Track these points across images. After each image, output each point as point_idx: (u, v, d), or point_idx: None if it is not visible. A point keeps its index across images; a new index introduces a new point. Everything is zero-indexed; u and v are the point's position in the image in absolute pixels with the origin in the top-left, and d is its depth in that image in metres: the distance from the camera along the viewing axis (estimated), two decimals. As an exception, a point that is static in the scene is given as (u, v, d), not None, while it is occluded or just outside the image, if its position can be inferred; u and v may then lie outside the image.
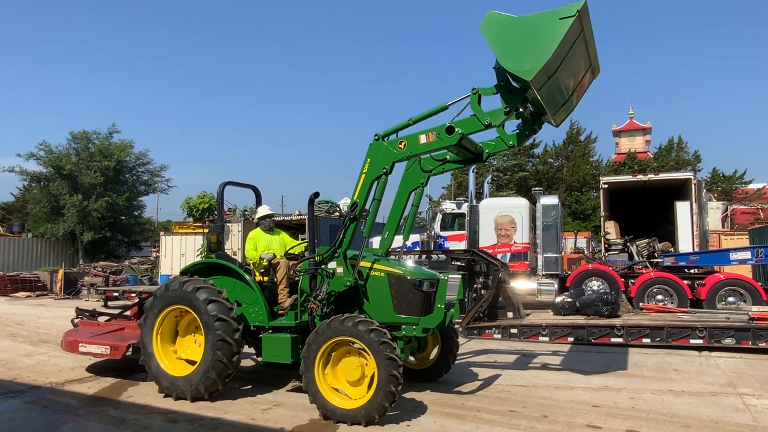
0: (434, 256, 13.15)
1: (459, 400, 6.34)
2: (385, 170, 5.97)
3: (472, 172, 16.56)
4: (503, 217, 15.36)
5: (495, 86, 5.62)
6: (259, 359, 7.43)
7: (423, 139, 5.81)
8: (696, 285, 12.81)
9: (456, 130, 5.62)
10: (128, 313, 8.55)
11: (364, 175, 6.07)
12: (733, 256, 12.72)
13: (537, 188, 18.09)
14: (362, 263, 6.12)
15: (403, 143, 5.90)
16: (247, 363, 8.22)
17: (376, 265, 6.14)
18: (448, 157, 6.42)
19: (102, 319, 8.55)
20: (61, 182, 29.31)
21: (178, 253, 20.89)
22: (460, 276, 6.96)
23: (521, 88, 5.41)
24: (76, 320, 8.46)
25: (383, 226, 6.52)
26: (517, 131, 6.06)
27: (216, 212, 8.07)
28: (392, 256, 6.74)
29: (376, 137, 6.04)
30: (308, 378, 5.63)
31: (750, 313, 9.64)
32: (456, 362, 7.36)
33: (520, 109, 5.77)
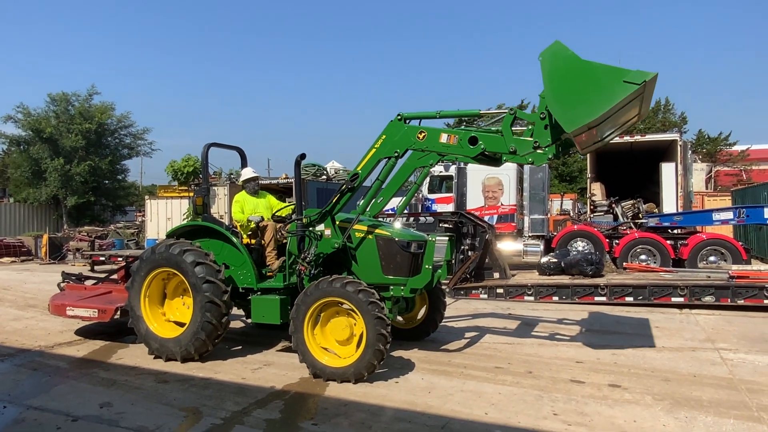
0: (422, 218, 13.19)
1: (446, 358, 6.47)
2: (396, 154, 5.84)
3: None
4: (490, 179, 15.38)
5: (534, 113, 5.31)
6: (249, 321, 7.48)
7: (444, 138, 5.64)
8: (679, 245, 13.04)
9: (479, 143, 5.45)
10: (115, 276, 8.51)
11: (374, 150, 5.93)
12: (716, 216, 12.92)
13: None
14: (348, 224, 6.11)
15: (423, 134, 5.72)
16: (236, 324, 8.29)
17: (364, 227, 6.14)
18: None
19: (89, 282, 8.51)
20: (42, 146, 28.74)
21: (164, 217, 20.74)
22: (447, 237, 7.00)
23: (560, 127, 5.08)
24: (62, 284, 8.41)
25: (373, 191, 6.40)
26: (541, 152, 5.63)
27: (201, 175, 7.95)
28: (382, 219, 6.73)
29: (399, 117, 5.85)
30: (298, 338, 5.69)
31: (730, 272, 9.86)
32: (443, 322, 7.48)
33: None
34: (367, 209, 6.17)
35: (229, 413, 4.72)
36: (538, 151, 5.37)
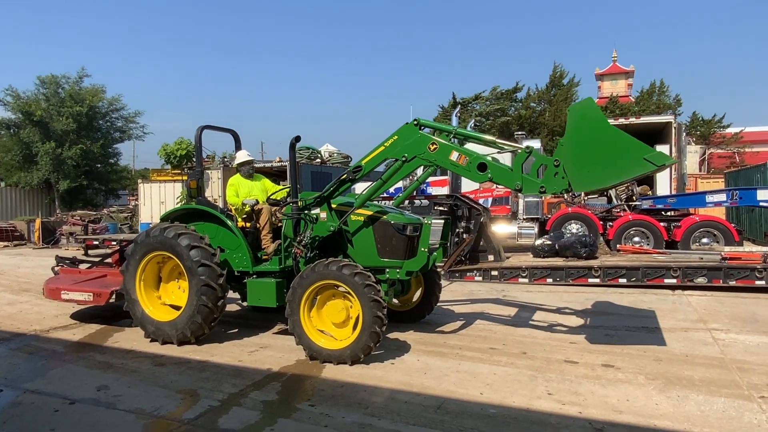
0: (417, 201, 13.20)
1: (441, 339, 6.52)
2: (404, 158, 5.75)
3: (455, 116, 16.41)
4: (485, 161, 15.33)
5: (549, 157, 5.22)
6: (245, 304, 7.51)
7: (454, 156, 5.57)
8: (672, 227, 13.11)
9: (487, 171, 5.41)
10: (109, 260, 8.49)
11: (383, 148, 5.85)
12: (709, 198, 12.97)
13: (519, 132, 18.04)
14: (344, 208, 6.10)
15: (435, 147, 5.63)
16: (232, 307, 8.30)
17: (360, 210, 6.13)
18: None
19: (83, 266, 8.49)
20: (32, 129, 28.42)
21: (157, 200, 20.62)
22: (442, 220, 7.01)
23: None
24: (56, 268, 8.39)
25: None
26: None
27: (194, 158, 7.88)
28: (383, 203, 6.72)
29: (415, 122, 5.76)
30: (294, 321, 5.70)
31: (722, 253, 9.91)
32: (438, 304, 7.53)
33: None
34: (355, 185, 6.13)
35: (226, 395, 4.75)
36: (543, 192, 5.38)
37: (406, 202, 12.74)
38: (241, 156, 7.29)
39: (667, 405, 4.40)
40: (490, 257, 10.93)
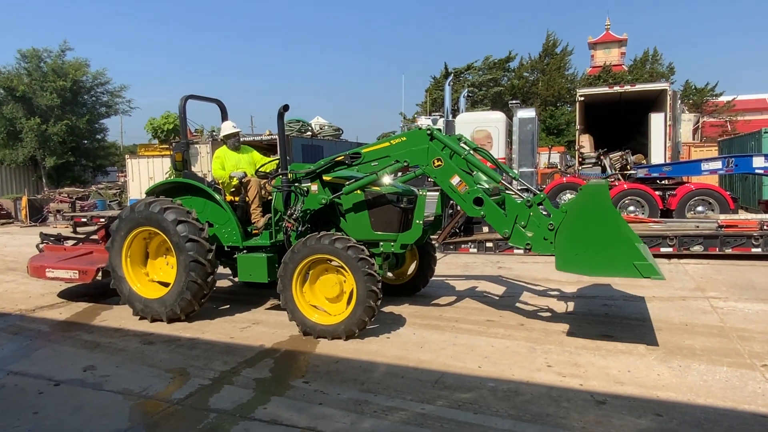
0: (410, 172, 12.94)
1: (437, 312, 6.41)
2: (405, 163, 5.59)
3: (448, 85, 16.11)
4: (480, 131, 15.13)
5: (545, 217, 5.09)
6: (236, 279, 7.35)
7: (455, 181, 5.36)
8: (667, 195, 13.00)
9: (482, 208, 5.26)
10: (95, 236, 8.26)
11: (388, 144, 5.67)
12: (705, 166, 12.85)
13: (514, 101, 17.76)
14: (338, 181, 5.90)
15: (440, 163, 5.42)
16: (223, 283, 8.15)
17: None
18: None
19: (68, 243, 8.26)
20: (15, 105, 27.74)
21: (146, 176, 20.27)
22: (437, 192, 6.83)
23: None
24: (41, 245, 8.17)
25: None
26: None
27: (180, 130, 7.60)
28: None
29: (429, 132, 5.53)
30: (286, 296, 5.55)
31: (718, 221, 9.86)
32: (433, 277, 7.39)
33: None
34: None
35: (217, 373, 4.62)
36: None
37: (399, 173, 12.52)
38: (227, 128, 7.02)
39: (669, 375, 4.32)
40: (485, 229, 10.84)
